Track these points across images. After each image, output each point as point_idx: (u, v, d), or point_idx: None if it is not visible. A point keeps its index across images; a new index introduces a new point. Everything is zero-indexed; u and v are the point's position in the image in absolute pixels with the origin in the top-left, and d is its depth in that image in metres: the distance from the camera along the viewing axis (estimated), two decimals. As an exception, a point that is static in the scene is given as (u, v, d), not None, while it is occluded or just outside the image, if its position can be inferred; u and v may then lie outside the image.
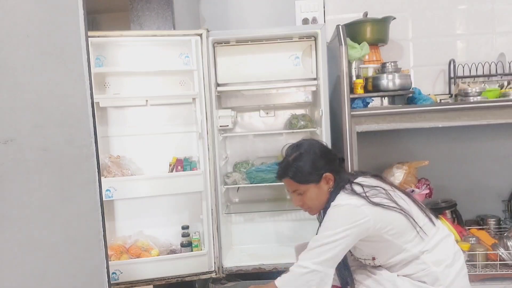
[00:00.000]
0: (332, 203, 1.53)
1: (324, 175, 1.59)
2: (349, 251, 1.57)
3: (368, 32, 2.54)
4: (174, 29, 2.43)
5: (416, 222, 1.50)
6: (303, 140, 1.71)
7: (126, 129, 2.43)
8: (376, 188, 1.53)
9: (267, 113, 2.76)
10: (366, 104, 2.35)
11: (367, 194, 1.50)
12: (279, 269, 2.37)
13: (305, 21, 2.78)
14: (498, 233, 2.45)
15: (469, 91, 2.33)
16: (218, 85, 2.42)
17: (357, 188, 1.53)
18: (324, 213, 1.58)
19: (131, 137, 2.43)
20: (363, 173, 1.67)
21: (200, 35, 2.26)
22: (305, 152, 1.62)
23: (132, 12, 2.45)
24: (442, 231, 1.58)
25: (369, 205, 1.47)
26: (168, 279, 2.27)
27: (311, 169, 1.59)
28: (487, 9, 2.72)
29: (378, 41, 2.61)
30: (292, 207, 2.67)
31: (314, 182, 1.59)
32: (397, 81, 2.33)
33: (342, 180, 1.59)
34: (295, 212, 2.70)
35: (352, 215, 1.46)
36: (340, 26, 2.21)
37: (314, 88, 2.50)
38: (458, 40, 2.76)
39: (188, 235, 2.35)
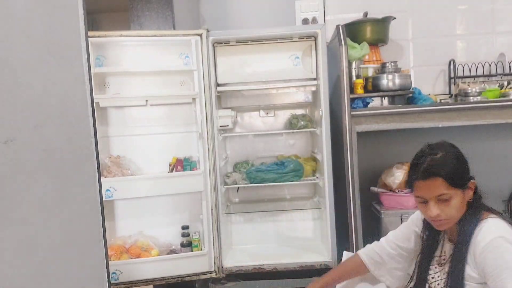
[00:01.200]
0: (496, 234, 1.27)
1: (471, 181, 1.36)
2: None
3: (368, 32, 2.54)
4: (174, 29, 2.43)
5: None
6: (440, 141, 1.45)
7: (126, 129, 2.43)
8: None
9: (267, 113, 2.76)
10: (366, 104, 2.35)
11: None
12: (279, 269, 2.37)
13: (305, 21, 2.78)
14: (498, 233, 2.44)
15: (469, 91, 2.33)
16: (218, 85, 2.42)
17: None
18: (461, 231, 1.34)
19: (131, 137, 2.43)
20: None
21: (200, 35, 2.26)
22: (451, 151, 1.38)
23: (132, 12, 2.45)
24: None
25: None
26: (168, 279, 2.27)
27: (462, 171, 1.35)
28: (487, 9, 2.72)
29: (378, 41, 2.61)
30: (292, 207, 2.68)
31: (463, 187, 1.34)
32: (397, 81, 2.33)
33: (480, 195, 1.39)
34: (295, 212, 2.70)
35: None
36: (340, 26, 2.21)
37: (314, 88, 2.50)
38: (458, 40, 2.76)
39: (188, 235, 2.35)
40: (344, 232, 2.31)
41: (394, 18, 2.60)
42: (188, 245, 2.33)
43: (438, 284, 1.40)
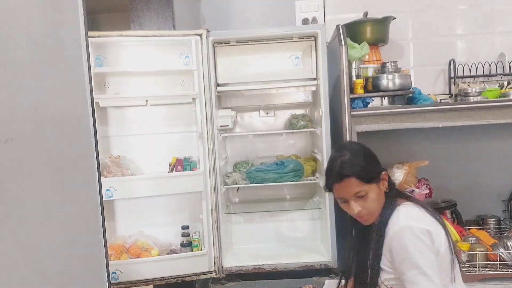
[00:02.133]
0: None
1: (383, 173, 1.47)
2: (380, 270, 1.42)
3: (368, 32, 2.54)
4: (174, 29, 2.43)
5: (454, 264, 1.39)
6: (344, 143, 1.60)
7: (126, 129, 2.43)
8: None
9: (267, 113, 2.76)
10: (366, 104, 2.35)
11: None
12: (279, 269, 2.37)
13: (305, 21, 2.78)
14: (498, 233, 2.44)
15: (469, 91, 2.33)
16: (218, 85, 2.42)
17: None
18: (379, 221, 1.42)
19: (131, 137, 2.43)
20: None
21: (200, 35, 2.26)
22: (357, 149, 1.49)
23: (132, 12, 2.45)
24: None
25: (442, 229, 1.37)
26: (168, 279, 2.27)
27: (372, 166, 1.45)
28: (487, 9, 2.72)
29: (378, 41, 2.61)
30: (292, 207, 2.68)
31: (376, 181, 1.44)
32: (397, 81, 2.32)
33: (393, 183, 1.49)
34: (295, 212, 2.70)
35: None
36: (340, 26, 2.21)
37: (314, 88, 2.50)
38: (458, 40, 2.76)
39: (188, 235, 2.35)
40: (344, 232, 2.31)
41: (394, 18, 2.60)
42: (188, 245, 2.33)
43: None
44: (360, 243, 1.54)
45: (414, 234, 1.31)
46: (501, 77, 2.63)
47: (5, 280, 1.07)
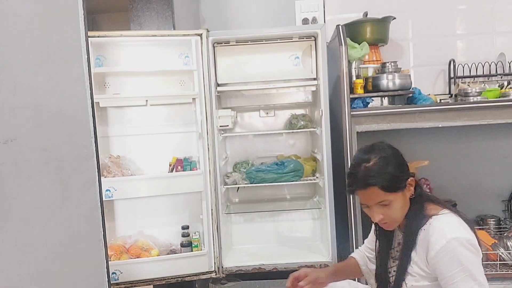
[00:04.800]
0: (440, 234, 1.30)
1: (409, 179, 1.37)
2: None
3: (368, 32, 2.54)
4: (174, 29, 2.43)
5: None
6: (373, 144, 1.45)
7: (126, 129, 2.43)
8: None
9: (267, 113, 2.76)
10: (366, 104, 2.35)
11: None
12: (279, 269, 2.37)
13: (305, 21, 2.78)
14: (498, 233, 2.44)
15: (469, 91, 2.33)
16: (218, 85, 2.42)
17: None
18: (407, 227, 1.39)
19: (131, 137, 2.43)
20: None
21: (200, 35, 2.26)
22: (384, 155, 1.37)
23: (132, 12, 2.45)
24: None
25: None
26: (168, 279, 2.27)
27: (398, 174, 1.35)
28: (487, 9, 2.72)
29: (378, 41, 2.61)
30: (292, 207, 2.68)
31: (401, 189, 1.35)
32: (397, 81, 2.33)
33: (421, 188, 1.42)
34: (295, 212, 2.70)
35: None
36: (340, 26, 2.21)
37: (314, 88, 2.50)
38: (458, 40, 2.76)
39: (188, 235, 2.35)
40: (344, 232, 2.31)
41: (394, 18, 2.60)
42: (188, 245, 2.33)
43: (393, 277, 1.44)
44: (384, 246, 1.51)
45: (463, 246, 1.27)
46: (501, 77, 2.63)
47: (6, 280, 1.07)
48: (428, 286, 1.35)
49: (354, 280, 1.80)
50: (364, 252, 1.66)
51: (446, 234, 1.28)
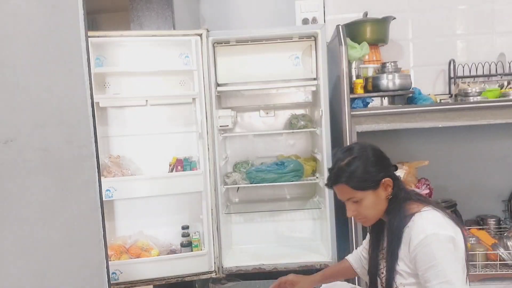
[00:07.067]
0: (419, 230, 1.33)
1: (383, 180, 1.42)
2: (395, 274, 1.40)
3: (368, 32, 2.54)
4: (174, 29, 2.43)
5: (467, 268, 1.37)
6: (354, 144, 1.55)
7: (126, 129, 2.43)
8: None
9: (267, 113, 2.76)
10: (366, 104, 2.35)
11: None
12: (279, 269, 2.37)
13: (305, 21, 2.78)
14: (498, 233, 2.44)
15: (469, 91, 2.33)
16: (218, 85, 2.42)
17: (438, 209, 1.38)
18: (390, 226, 1.42)
19: (131, 137, 2.43)
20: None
21: (200, 35, 2.26)
22: (358, 155, 1.43)
23: (132, 12, 2.45)
24: None
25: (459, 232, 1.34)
26: (168, 279, 2.27)
27: (367, 174, 1.41)
28: (487, 9, 2.72)
29: (378, 41, 2.61)
30: (292, 207, 2.68)
31: (372, 188, 1.41)
32: (397, 81, 2.33)
33: (402, 188, 1.45)
34: (295, 212, 2.70)
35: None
36: (340, 26, 2.21)
37: (314, 88, 2.50)
38: (458, 40, 2.76)
39: (188, 235, 2.35)
40: (344, 232, 2.31)
41: (394, 18, 2.60)
42: (188, 245, 2.33)
43: (384, 277, 1.46)
44: (374, 247, 1.53)
45: (441, 242, 1.29)
46: (501, 77, 2.64)
47: (6, 280, 1.07)
48: (415, 283, 1.36)
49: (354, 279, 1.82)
50: (361, 253, 1.67)
51: (425, 230, 1.31)
